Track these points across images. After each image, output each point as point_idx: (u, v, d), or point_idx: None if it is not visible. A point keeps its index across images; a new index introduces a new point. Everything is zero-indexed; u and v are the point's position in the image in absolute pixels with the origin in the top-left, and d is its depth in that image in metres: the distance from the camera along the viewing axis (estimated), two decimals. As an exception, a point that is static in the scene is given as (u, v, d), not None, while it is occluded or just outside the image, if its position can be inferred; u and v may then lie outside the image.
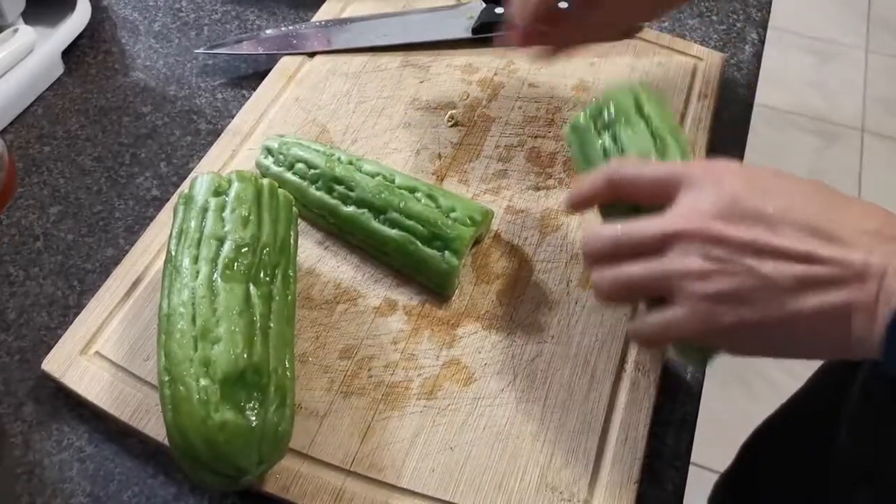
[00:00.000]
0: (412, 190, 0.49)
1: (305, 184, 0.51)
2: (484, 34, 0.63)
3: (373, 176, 0.50)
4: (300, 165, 0.51)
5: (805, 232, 0.36)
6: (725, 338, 0.39)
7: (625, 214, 0.41)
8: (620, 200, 0.42)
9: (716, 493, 0.96)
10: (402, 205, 0.48)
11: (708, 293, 0.37)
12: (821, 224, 0.36)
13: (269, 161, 0.53)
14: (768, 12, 0.71)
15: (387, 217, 0.48)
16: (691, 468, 0.46)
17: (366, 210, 0.49)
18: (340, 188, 0.50)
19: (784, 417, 0.84)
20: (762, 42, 0.69)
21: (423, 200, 0.49)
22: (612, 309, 0.49)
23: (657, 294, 0.40)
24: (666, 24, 0.68)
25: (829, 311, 0.35)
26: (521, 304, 0.49)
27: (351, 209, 0.49)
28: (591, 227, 0.44)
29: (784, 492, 0.84)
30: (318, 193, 0.50)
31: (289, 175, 0.51)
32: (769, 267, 0.36)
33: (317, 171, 0.50)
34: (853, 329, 0.35)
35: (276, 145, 0.53)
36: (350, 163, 0.51)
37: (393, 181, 0.50)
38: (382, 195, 0.49)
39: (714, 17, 0.70)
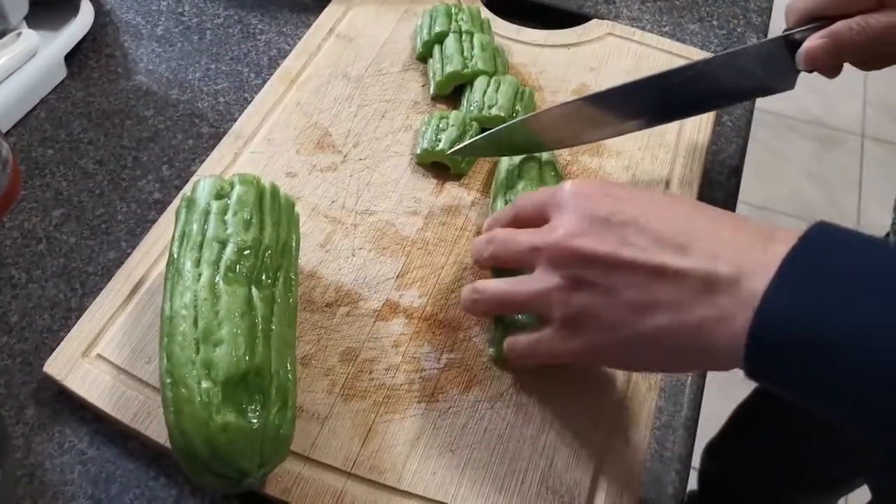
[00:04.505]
0: None
1: None
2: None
3: None
4: None
5: (656, 243, 0.35)
6: (591, 356, 0.40)
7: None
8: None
9: (704, 457, 0.98)
10: None
11: (567, 315, 0.38)
12: (670, 235, 0.35)
13: None
14: (769, 17, 0.71)
15: None
16: (692, 472, 0.46)
17: None
18: None
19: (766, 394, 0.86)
20: (762, 47, 0.69)
21: None
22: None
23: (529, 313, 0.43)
24: (667, 28, 0.69)
25: (680, 329, 0.34)
26: (522, 308, 0.49)
27: None
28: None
29: (764, 458, 0.86)
30: None
31: None
32: (617, 280, 0.36)
33: None
34: (715, 343, 0.33)
35: None
36: None
37: None
38: None
39: (714, 22, 0.70)
